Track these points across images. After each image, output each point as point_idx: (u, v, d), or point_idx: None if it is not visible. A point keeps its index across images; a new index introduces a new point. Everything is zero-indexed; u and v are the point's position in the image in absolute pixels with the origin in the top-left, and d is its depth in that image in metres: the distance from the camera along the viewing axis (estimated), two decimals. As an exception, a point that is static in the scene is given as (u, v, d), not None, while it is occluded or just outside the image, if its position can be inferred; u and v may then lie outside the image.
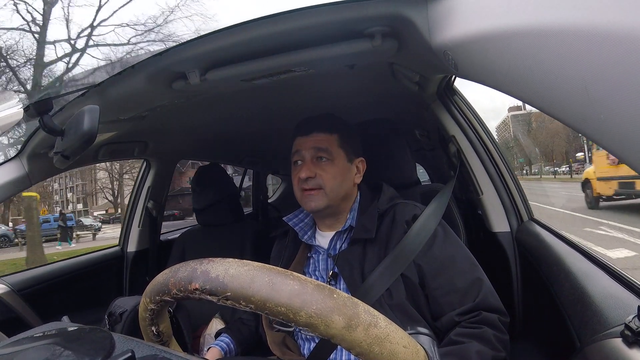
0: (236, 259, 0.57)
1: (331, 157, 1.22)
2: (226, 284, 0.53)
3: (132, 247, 2.41)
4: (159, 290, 0.61)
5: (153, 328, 0.71)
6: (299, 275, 0.54)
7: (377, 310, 0.55)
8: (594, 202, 11.01)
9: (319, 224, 1.31)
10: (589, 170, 11.86)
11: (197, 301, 0.59)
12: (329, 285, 0.54)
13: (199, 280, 0.55)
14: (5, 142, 1.43)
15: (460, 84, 1.64)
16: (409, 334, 0.57)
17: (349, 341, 0.51)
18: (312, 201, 1.20)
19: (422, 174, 4.05)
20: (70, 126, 0.99)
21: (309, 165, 1.22)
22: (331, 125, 1.26)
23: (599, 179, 10.64)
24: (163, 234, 2.74)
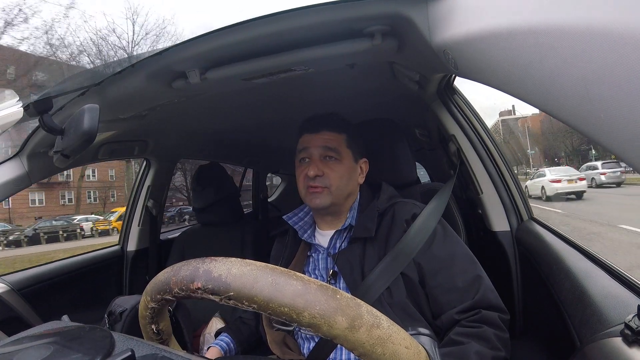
0: (239, 259, 0.56)
1: (339, 156, 1.23)
2: (229, 284, 0.53)
3: (132, 246, 2.41)
4: (160, 289, 0.61)
5: (153, 326, 0.71)
6: (302, 275, 0.54)
7: (377, 309, 0.55)
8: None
9: (319, 222, 1.31)
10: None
11: (198, 300, 0.59)
12: (332, 286, 0.54)
13: (201, 279, 0.55)
14: (5, 141, 1.43)
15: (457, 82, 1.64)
16: (410, 334, 0.57)
17: (352, 342, 0.51)
18: (317, 198, 1.20)
19: (423, 176, 4.03)
20: (70, 125, 0.99)
21: (317, 163, 1.21)
22: (340, 125, 1.27)
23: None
24: (163, 232, 2.75)
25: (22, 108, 1.08)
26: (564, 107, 0.46)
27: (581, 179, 16.93)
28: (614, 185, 18.11)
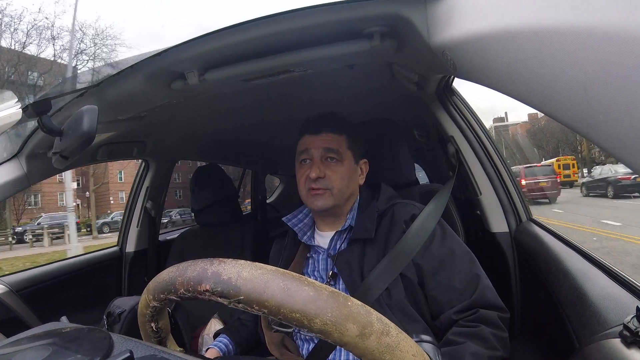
0: (248, 261, 0.56)
1: (341, 158, 1.22)
2: (239, 287, 0.52)
3: (130, 248, 2.41)
4: (164, 289, 0.60)
5: (152, 324, 0.70)
6: (313, 281, 0.53)
7: (376, 310, 0.55)
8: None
9: (319, 223, 1.31)
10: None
11: (199, 301, 0.59)
12: (343, 293, 0.53)
13: (210, 281, 0.54)
14: (4, 142, 1.44)
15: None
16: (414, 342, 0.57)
17: (362, 349, 0.51)
18: (318, 201, 1.20)
19: (422, 178, 4.03)
20: (69, 126, 0.99)
21: (318, 165, 1.21)
22: (341, 126, 1.26)
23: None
24: (162, 233, 2.75)
25: (20, 109, 1.08)
26: (562, 109, 0.46)
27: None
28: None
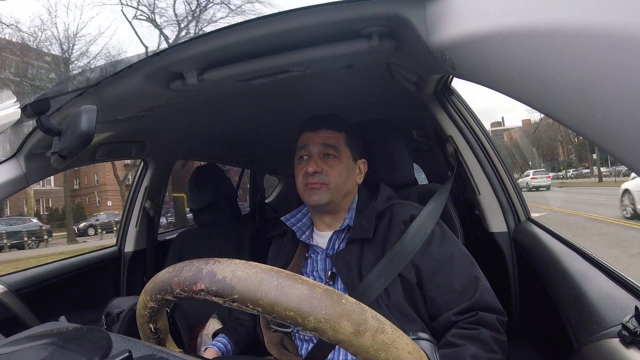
0: (242, 260, 0.56)
1: (338, 154, 1.23)
2: (234, 286, 0.52)
3: (129, 247, 2.40)
4: (161, 289, 0.60)
5: (151, 325, 0.70)
6: (307, 279, 0.53)
7: (374, 310, 0.55)
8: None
9: (317, 223, 1.31)
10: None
11: (196, 301, 0.59)
12: (337, 291, 0.53)
13: (205, 281, 0.54)
14: (3, 142, 1.44)
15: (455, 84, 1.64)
16: (411, 339, 0.57)
17: (357, 347, 0.51)
18: (315, 195, 1.20)
19: (422, 179, 4.03)
20: (67, 126, 0.99)
21: (316, 160, 1.22)
22: (339, 124, 1.27)
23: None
24: (161, 233, 2.74)
25: (19, 109, 1.08)
26: (561, 109, 0.47)
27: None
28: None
